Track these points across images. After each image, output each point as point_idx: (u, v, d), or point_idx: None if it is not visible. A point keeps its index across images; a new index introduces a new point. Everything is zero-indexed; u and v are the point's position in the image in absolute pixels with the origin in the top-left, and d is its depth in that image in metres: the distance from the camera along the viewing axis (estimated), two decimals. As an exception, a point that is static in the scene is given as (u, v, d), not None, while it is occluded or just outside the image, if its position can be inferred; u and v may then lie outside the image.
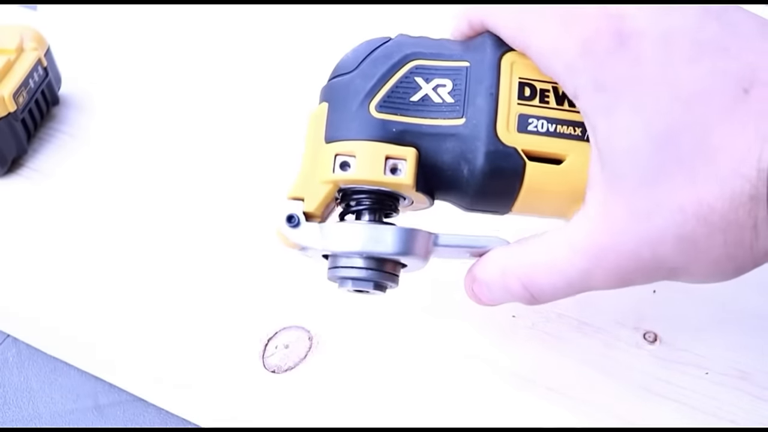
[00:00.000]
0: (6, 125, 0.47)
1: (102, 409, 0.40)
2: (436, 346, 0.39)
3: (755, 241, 0.26)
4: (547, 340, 0.39)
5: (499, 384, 0.37)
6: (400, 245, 0.32)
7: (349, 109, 0.32)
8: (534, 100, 0.32)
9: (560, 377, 0.37)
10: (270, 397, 0.38)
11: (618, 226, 0.28)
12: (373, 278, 0.32)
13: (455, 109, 0.32)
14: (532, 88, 0.32)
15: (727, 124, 0.26)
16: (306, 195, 0.33)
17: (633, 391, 0.37)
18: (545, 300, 0.31)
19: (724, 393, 0.37)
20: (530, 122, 0.32)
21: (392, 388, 0.38)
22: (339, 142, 0.32)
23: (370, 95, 0.32)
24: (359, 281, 0.32)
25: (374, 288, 0.33)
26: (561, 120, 0.32)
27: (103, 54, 0.58)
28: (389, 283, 0.33)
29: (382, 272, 0.33)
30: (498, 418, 0.36)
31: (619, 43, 0.27)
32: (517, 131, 0.32)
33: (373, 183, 0.32)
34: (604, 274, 0.29)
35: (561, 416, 0.36)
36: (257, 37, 0.59)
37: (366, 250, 0.32)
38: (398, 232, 0.32)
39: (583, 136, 0.31)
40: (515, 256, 0.31)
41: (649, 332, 0.39)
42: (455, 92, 0.32)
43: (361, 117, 0.32)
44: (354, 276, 0.32)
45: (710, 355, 0.38)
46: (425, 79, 0.33)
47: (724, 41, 0.27)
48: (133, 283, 0.42)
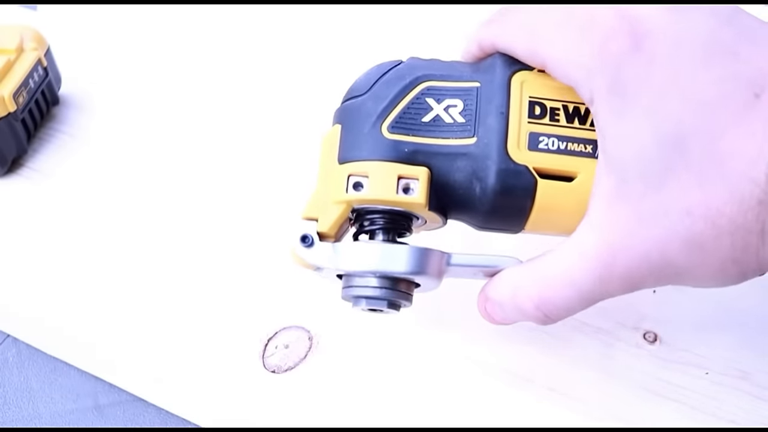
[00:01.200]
0: (6, 125, 0.47)
1: (102, 409, 0.40)
2: (436, 347, 0.39)
3: (762, 246, 0.26)
4: (547, 340, 0.39)
5: (499, 384, 0.37)
6: (414, 264, 0.32)
7: (362, 131, 0.33)
8: (544, 118, 0.32)
9: (560, 377, 0.37)
10: (270, 397, 0.38)
11: (627, 229, 0.28)
12: (387, 297, 0.33)
13: (466, 128, 0.33)
14: (542, 107, 0.33)
15: (737, 128, 0.26)
16: (320, 215, 0.33)
17: (633, 391, 0.37)
18: (557, 318, 0.31)
19: (724, 393, 0.37)
20: (541, 140, 0.32)
21: (392, 388, 0.38)
22: (352, 162, 0.33)
23: (382, 116, 0.33)
24: (373, 300, 0.33)
25: (388, 306, 0.33)
26: (571, 138, 0.32)
27: (103, 54, 0.58)
28: (403, 302, 0.34)
29: (396, 291, 0.33)
30: (498, 417, 0.36)
31: (634, 44, 0.27)
32: (528, 149, 0.32)
33: (386, 203, 0.32)
34: (616, 279, 0.29)
35: (561, 416, 0.36)
36: (258, 37, 0.59)
37: (380, 270, 0.32)
38: (411, 251, 0.32)
39: (594, 153, 0.32)
40: (526, 275, 0.32)
41: (650, 332, 0.39)
42: (466, 112, 0.33)
43: (374, 138, 0.33)
44: (368, 295, 0.33)
45: (710, 355, 0.38)
46: (436, 99, 0.33)
47: (735, 46, 0.27)
48: (133, 283, 0.42)
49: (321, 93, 0.55)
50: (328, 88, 0.37)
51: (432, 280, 0.33)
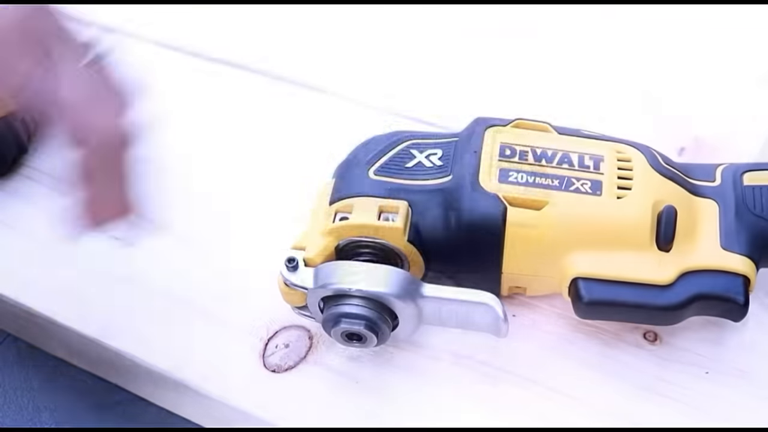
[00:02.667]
0: (6, 125, 0.47)
1: (102, 409, 0.40)
2: (435, 346, 0.39)
3: None
4: (547, 340, 0.39)
5: (499, 384, 0.37)
6: (388, 283, 0.34)
7: (352, 175, 0.38)
8: (514, 158, 0.37)
9: (560, 377, 0.37)
10: (270, 397, 0.37)
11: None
12: (365, 314, 0.34)
13: (444, 170, 0.37)
14: (512, 149, 0.37)
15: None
16: (307, 245, 0.36)
17: (633, 390, 0.37)
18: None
19: (724, 393, 0.37)
20: (510, 174, 0.36)
21: (392, 388, 0.38)
22: (340, 201, 0.37)
23: (370, 163, 0.38)
24: (352, 319, 0.35)
25: (365, 327, 0.35)
26: (539, 173, 0.36)
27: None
28: (381, 325, 0.35)
29: (375, 312, 0.35)
30: (498, 417, 0.36)
31: None
32: (498, 182, 0.36)
33: (367, 229, 0.36)
34: None
35: (561, 416, 0.36)
36: (258, 37, 0.59)
37: (344, 284, 0.34)
38: (389, 270, 0.35)
39: (561, 186, 0.35)
40: None
41: (650, 331, 0.39)
42: (444, 158, 0.37)
43: (361, 179, 0.37)
44: (346, 312, 0.35)
45: (710, 355, 0.38)
46: (419, 150, 0.38)
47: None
48: (134, 283, 0.42)
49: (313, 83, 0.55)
50: (327, 87, 0.38)
51: (407, 307, 0.35)
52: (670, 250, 0.35)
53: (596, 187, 0.36)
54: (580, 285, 0.35)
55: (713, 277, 0.35)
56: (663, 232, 0.35)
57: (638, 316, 0.37)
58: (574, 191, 0.36)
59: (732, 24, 0.58)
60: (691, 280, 0.35)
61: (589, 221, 0.35)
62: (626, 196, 0.36)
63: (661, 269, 0.35)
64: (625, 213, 0.35)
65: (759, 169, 0.38)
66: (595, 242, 0.35)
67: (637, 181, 0.36)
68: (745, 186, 0.37)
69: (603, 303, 0.35)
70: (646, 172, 0.36)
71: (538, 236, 0.35)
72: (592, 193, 0.36)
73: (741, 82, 0.54)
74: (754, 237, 0.36)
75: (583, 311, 0.36)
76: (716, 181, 0.38)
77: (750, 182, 0.37)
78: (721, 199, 0.37)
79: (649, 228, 0.35)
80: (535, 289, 0.38)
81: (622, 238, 0.35)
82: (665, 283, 0.35)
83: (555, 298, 0.40)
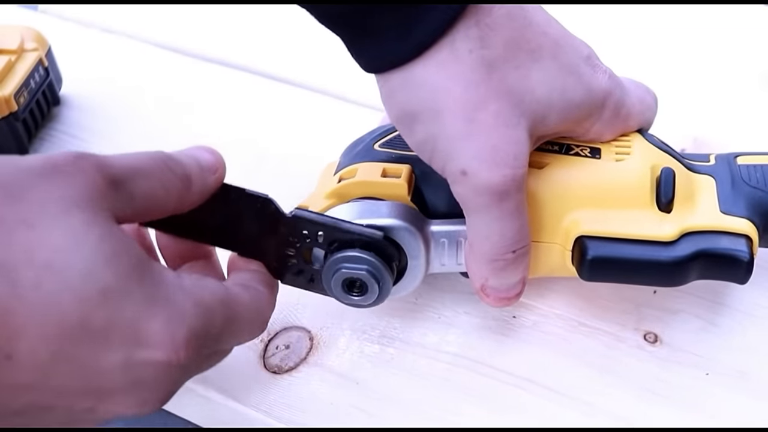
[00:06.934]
0: (7, 125, 0.47)
1: (102, 409, 0.40)
2: (435, 346, 0.39)
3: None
4: (547, 340, 0.39)
5: (499, 384, 0.37)
6: (394, 213, 0.35)
7: (357, 149, 0.38)
8: None
9: (560, 377, 0.37)
10: (270, 397, 0.38)
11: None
12: (367, 262, 0.34)
13: None
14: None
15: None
16: (310, 205, 0.37)
17: (633, 391, 0.37)
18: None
19: (724, 393, 0.37)
20: None
21: (392, 388, 0.38)
22: (344, 168, 0.37)
23: (375, 139, 0.38)
24: (353, 268, 0.34)
25: (368, 273, 0.34)
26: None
27: (103, 54, 0.58)
28: (384, 272, 0.34)
29: (376, 259, 0.34)
30: (498, 417, 0.36)
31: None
32: None
33: (371, 186, 0.36)
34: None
35: (561, 416, 0.36)
36: (260, 36, 0.59)
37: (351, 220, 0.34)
38: (391, 203, 0.35)
39: (561, 150, 0.36)
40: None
41: (650, 333, 0.39)
42: None
43: (366, 150, 0.38)
44: (348, 256, 0.34)
45: (710, 355, 0.38)
46: None
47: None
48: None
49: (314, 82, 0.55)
50: (327, 87, 0.38)
51: (413, 240, 0.35)
52: (671, 212, 0.35)
53: (595, 152, 0.36)
54: (585, 243, 0.35)
55: (716, 236, 0.35)
56: (663, 192, 0.35)
57: (643, 276, 0.36)
58: (574, 155, 0.36)
59: (733, 24, 0.58)
60: (694, 239, 0.35)
61: (590, 180, 0.36)
62: (625, 159, 0.36)
63: (663, 227, 0.35)
64: (624, 173, 0.36)
65: (750, 154, 0.39)
66: (596, 202, 0.35)
67: (635, 149, 0.37)
68: (740, 165, 0.38)
69: (607, 260, 0.35)
70: (642, 143, 0.37)
71: (540, 196, 0.35)
72: (591, 157, 0.36)
73: (741, 83, 0.54)
74: (753, 206, 0.36)
75: (587, 271, 0.35)
76: (711, 162, 0.39)
77: (743, 162, 0.38)
78: (717, 175, 0.38)
79: (648, 187, 0.35)
80: (535, 264, 0.37)
81: (622, 198, 0.35)
82: (668, 240, 0.35)
83: (555, 299, 0.40)
